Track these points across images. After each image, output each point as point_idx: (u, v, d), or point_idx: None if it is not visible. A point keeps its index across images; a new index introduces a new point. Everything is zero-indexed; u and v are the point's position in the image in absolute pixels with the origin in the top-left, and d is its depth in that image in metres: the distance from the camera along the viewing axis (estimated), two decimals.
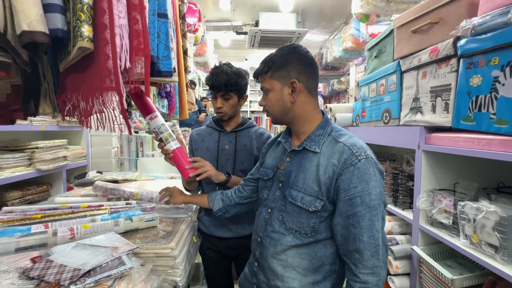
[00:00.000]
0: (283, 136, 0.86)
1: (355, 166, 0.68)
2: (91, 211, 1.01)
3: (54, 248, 0.77)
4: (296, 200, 0.75)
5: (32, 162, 1.75)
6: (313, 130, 0.78)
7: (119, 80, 0.68)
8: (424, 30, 1.10)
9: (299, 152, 0.79)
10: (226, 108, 1.17)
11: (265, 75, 0.78)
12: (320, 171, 0.72)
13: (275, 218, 0.79)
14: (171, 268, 0.84)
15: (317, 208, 0.72)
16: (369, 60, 1.64)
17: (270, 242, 0.79)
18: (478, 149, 0.84)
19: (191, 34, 2.93)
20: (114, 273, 0.67)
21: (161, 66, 1.08)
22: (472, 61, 0.86)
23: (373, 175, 0.68)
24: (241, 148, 1.22)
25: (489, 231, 0.81)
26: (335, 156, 0.71)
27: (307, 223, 0.74)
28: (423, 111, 1.11)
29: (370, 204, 0.67)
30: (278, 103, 0.77)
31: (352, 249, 0.69)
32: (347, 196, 0.69)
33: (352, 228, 0.68)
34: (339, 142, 0.73)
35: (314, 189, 0.73)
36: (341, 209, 0.70)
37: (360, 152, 0.70)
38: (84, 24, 0.68)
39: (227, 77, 1.13)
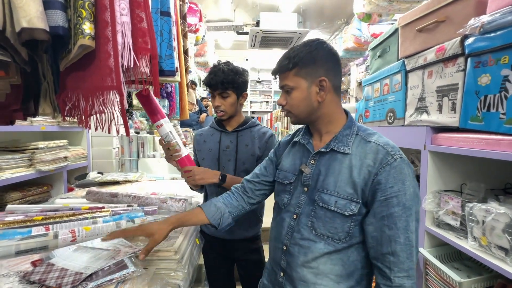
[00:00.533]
0: (302, 137, 0.80)
1: (391, 166, 0.65)
2: (93, 213, 1.00)
3: (55, 251, 0.75)
4: (329, 205, 0.70)
5: (33, 162, 1.73)
6: (339, 130, 0.74)
7: (120, 79, 0.67)
8: (430, 29, 1.08)
9: (325, 153, 0.74)
10: (224, 107, 1.16)
11: (288, 72, 0.72)
12: (354, 172, 0.68)
13: (304, 225, 0.74)
14: (174, 271, 0.83)
15: (353, 212, 0.68)
16: (373, 59, 1.62)
17: (299, 251, 0.74)
18: (487, 150, 0.82)
19: (192, 34, 2.92)
20: (117, 277, 0.66)
21: (164, 66, 1.06)
22: (480, 60, 0.85)
23: (407, 174, 0.66)
24: (243, 148, 1.20)
25: (499, 233, 0.79)
26: (369, 156, 0.68)
27: (342, 228, 0.69)
28: (429, 111, 1.09)
29: (406, 205, 0.64)
30: (304, 102, 0.72)
31: (387, 251, 0.65)
32: (383, 197, 0.65)
33: (388, 229, 0.65)
34: (370, 142, 0.70)
35: (348, 192, 0.68)
36: (376, 210, 0.66)
37: (395, 151, 0.67)
38: (85, 21, 0.66)
39: (224, 75, 1.11)
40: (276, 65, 0.75)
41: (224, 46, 5.74)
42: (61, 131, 2.07)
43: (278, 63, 0.74)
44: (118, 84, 0.66)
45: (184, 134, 2.81)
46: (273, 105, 9.18)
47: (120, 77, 0.67)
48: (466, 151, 0.89)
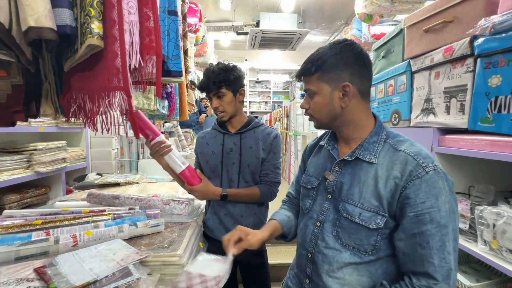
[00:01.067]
0: (327, 142, 0.77)
1: (422, 179, 0.60)
2: (94, 217, 0.97)
3: (58, 257, 0.72)
4: (353, 217, 0.66)
5: (31, 164, 1.70)
6: (365, 137, 0.69)
7: (127, 80, 0.64)
8: (437, 29, 1.07)
9: (350, 162, 0.70)
10: (223, 107, 1.13)
11: (311, 76, 0.68)
12: (380, 184, 0.64)
13: (328, 233, 0.71)
14: (178, 277, 0.80)
15: (379, 226, 0.63)
16: (376, 60, 1.61)
17: (323, 259, 0.70)
18: (498, 152, 0.81)
19: (192, 35, 2.90)
20: (121, 284, 0.63)
21: (170, 66, 1.03)
22: (491, 60, 0.84)
23: (442, 188, 0.59)
24: (247, 151, 1.16)
25: (510, 237, 0.78)
26: (396, 167, 0.63)
27: (367, 241, 0.65)
28: (436, 112, 1.08)
29: (441, 222, 0.58)
30: (326, 107, 0.69)
31: (420, 271, 0.60)
32: (413, 212, 0.60)
33: (420, 248, 0.59)
34: (400, 151, 0.64)
35: (373, 204, 0.64)
36: (406, 226, 0.61)
37: (428, 163, 0.61)
38: (94, 20, 0.64)
39: (214, 74, 1.11)
40: (300, 68, 0.72)
41: (224, 47, 5.72)
42: (60, 132, 2.03)
43: (302, 66, 0.71)
44: (125, 85, 0.64)
45: (184, 135, 2.79)
46: (272, 105, 9.17)
47: (128, 78, 0.65)
48: (476, 153, 0.88)
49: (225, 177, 1.19)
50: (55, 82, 0.74)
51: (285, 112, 4.86)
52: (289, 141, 4.54)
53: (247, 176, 1.17)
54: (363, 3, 2.36)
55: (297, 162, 4.04)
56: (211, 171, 1.21)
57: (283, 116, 4.99)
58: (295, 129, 4.22)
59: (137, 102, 1.64)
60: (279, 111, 5.49)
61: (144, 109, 1.71)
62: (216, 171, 1.20)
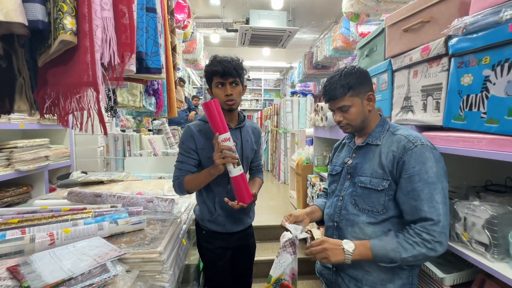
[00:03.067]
0: (348, 139, 1.03)
1: (412, 151, 0.80)
2: (74, 215, 0.96)
3: (33, 256, 0.71)
4: (366, 184, 0.87)
5: (11, 162, 1.66)
6: (373, 128, 0.92)
7: (96, 75, 0.64)
8: (415, 29, 1.10)
9: (363, 147, 0.93)
10: (235, 95, 1.13)
11: (344, 96, 0.88)
12: (382, 157, 0.85)
13: (348, 203, 0.91)
14: (159, 273, 0.81)
15: (384, 187, 0.83)
16: (360, 59, 1.64)
17: (346, 224, 0.91)
18: (469, 148, 0.84)
19: (180, 31, 2.86)
20: (97, 281, 0.63)
21: (149, 63, 1.03)
22: (463, 60, 0.87)
23: (428, 157, 0.79)
24: (246, 144, 1.23)
25: (479, 230, 0.81)
26: (394, 145, 0.84)
27: (378, 202, 0.85)
28: (414, 110, 1.11)
29: (428, 180, 0.77)
30: (360, 115, 0.90)
31: (415, 219, 0.78)
32: (406, 175, 0.80)
33: (413, 201, 0.78)
34: (396, 134, 0.86)
35: (379, 172, 0.85)
36: (402, 186, 0.81)
37: (416, 140, 0.81)
38: (66, 15, 0.63)
39: (235, 63, 1.12)
40: (331, 93, 0.89)
41: (214, 43, 5.67)
42: (42, 129, 1.98)
43: (332, 91, 0.88)
44: (94, 80, 0.63)
45: (172, 133, 2.76)
46: (263, 103, 9.18)
47: (96, 73, 0.64)
48: (449, 149, 0.91)
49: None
50: (30, 77, 0.72)
51: (275, 110, 4.87)
52: (279, 138, 4.56)
53: (245, 167, 1.21)
54: (350, 2, 2.38)
55: (287, 159, 4.07)
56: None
57: (273, 114, 5.00)
58: (285, 127, 4.24)
59: (121, 99, 1.62)
60: (270, 109, 5.50)
61: (130, 105, 1.69)
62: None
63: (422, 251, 0.75)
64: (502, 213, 0.78)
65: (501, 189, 1.04)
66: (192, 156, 1.16)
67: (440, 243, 0.75)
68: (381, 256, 0.79)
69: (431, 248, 0.75)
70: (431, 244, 0.75)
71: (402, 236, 0.79)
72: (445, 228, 0.76)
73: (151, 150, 2.32)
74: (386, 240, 0.80)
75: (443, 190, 0.77)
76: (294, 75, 6.73)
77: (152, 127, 3.83)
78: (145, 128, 3.37)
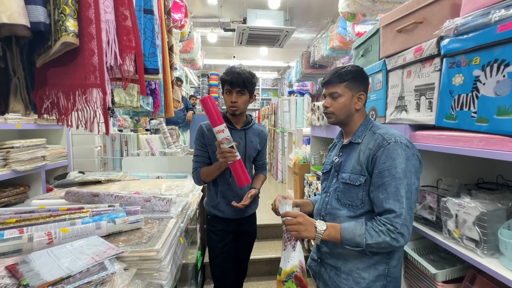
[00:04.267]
0: (337, 138, 1.10)
1: (385, 148, 0.86)
2: (71, 214, 0.96)
3: (31, 255, 0.72)
4: (346, 179, 0.93)
5: (8, 162, 1.66)
6: (357, 127, 0.98)
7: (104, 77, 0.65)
8: (409, 29, 1.12)
9: (347, 145, 0.99)
10: (239, 103, 1.30)
11: (340, 84, 0.94)
12: (361, 154, 0.91)
13: (333, 198, 0.98)
14: (156, 271, 0.82)
15: (361, 182, 0.89)
16: (356, 59, 1.65)
17: (330, 218, 0.97)
18: (460, 147, 0.86)
19: (177, 30, 2.86)
20: (95, 279, 0.64)
21: (147, 64, 1.04)
22: (454, 60, 0.88)
23: (400, 154, 0.84)
24: (249, 144, 1.40)
25: (470, 226, 0.83)
26: (371, 143, 0.90)
27: (356, 196, 0.91)
28: (408, 109, 1.13)
29: (396, 176, 0.82)
30: (346, 108, 0.95)
31: (381, 210, 0.84)
32: (377, 170, 0.86)
33: (381, 194, 0.84)
34: (376, 133, 0.92)
35: (357, 169, 0.91)
36: (373, 181, 0.87)
37: (390, 138, 0.87)
38: (69, 18, 0.65)
39: (245, 76, 1.28)
40: (330, 77, 0.96)
41: (211, 43, 5.67)
42: (39, 129, 1.98)
43: (332, 77, 0.96)
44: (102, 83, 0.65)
45: (170, 132, 2.76)
46: (261, 102, 9.18)
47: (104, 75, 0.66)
48: (441, 148, 0.93)
49: None
50: (25, 78, 0.73)
51: (272, 109, 4.88)
52: (277, 138, 4.58)
53: (247, 164, 1.40)
54: (346, 2, 2.40)
55: (284, 159, 4.08)
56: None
57: (270, 113, 5.01)
58: (282, 126, 4.26)
59: (119, 99, 1.62)
60: (267, 109, 5.51)
61: (127, 105, 1.69)
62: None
63: (386, 239, 0.81)
64: (492, 210, 0.80)
65: (493, 187, 1.06)
66: (205, 149, 1.38)
67: (402, 235, 0.81)
68: (348, 239, 0.84)
69: (394, 238, 0.81)
70: (394, 234, 0.81)
71: (370, 224, 0.85)
72: (407, 221, 0.81)
73: (148, 150, 2.32)
74: (355, 226, 0.86)
75: (408, 186, 0.82)
76: (291, 74, 6.74)
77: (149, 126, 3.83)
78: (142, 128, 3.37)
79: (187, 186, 1.60)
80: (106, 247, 0.79)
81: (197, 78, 7.78)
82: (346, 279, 0.92)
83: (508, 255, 0.74)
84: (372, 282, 0.89)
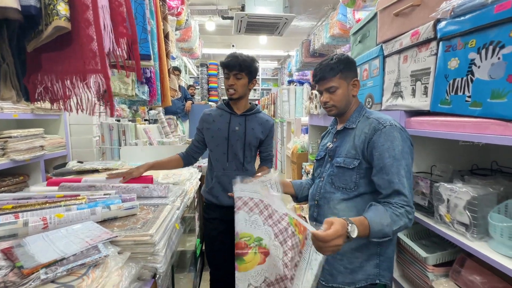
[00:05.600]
0: (331, 126, 1.12)
1: (382, 131, 0.88)
2: (67, 201, 0.97)
3: (26, 239, 0.73)
4: (340, 163, 0.95)
5: (6, 152, 1.67)
6: (351, 114, 1.00)
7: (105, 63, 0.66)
8: (406, 13, 1.09)
9: (342, 131, 1.01)
10: (237, 86, 1.32)
11: (334, 77, 0.95)
12: (355, 139, 0.94)
13: (326, 182, 1.00)
14: (150, 255, 0.83)
15: (355, 165, 0.92)
16: (353, 45, 1.62)
17: (324, 201, 1.00)
18: (453, 132, 0.86)
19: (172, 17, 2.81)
20: (88, 261, 0.65)
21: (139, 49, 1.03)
22: (451, 43, 0.87)
23: (396, 137, 0.87)
24: (250, 131, 1.40)
25: (460, 210, 0.84)
26: (366, 128, 0.93)
27: (350, 179, 0.93)
28: (403, 95, 1.12)
29: (396, 157, 0.85)
30: (345, 97, 0.97)
31: (389, 192, 0.85)
32: (377, 153, 0.88)
33: (385, 175, 0.86)
34: (370, 118, 0.95)
35: (352, 153, 0.94)
36: (375, 163, 0.88)
37: (385, 122, 0.90)
38: (60, 2, 0.64)
39: (241, 59, 1.30)
40: (322, 73, 0.97)
41: (210, 31, 5.57)
42: (36, 119, 1.98)
43: (324, 72, 0.96)
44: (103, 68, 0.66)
45: (168, 122, 2.76)
46: (261, 92, 9.11)
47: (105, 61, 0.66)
48: (435, 134, 0.93)
49: (230, 151, 1.41)
50: (15, 64, 0.72)
51: (272, 99, 4.85)
52: (276, 128, 4.57)
53: (247, 152, 1.42)
54: None
55: (283, 149, 4.08)
56: (215, 145, 1.42)
57: (270, 103, 4.98)
58: (282, 116, 4.24)
59: (113, 87, 1.61)
60: (267, 98, 5.47)
61: (122, 94, 1.68)
62: (220, 145, 1.41)
63: (406, 221, 0.82)
64: (483, 194, 0.80)
65: (487, 173, 1.06)
66: (199, 135, 1.47)
67: (413, 214, 0.85)
68: (377, 231, 0.79)
69: (411, 219, 0.83)
70: (411, 215, 0.83)
71: (390, 210, 0.82)
72: (411, 201, 0.86)
73: (146, 140, 2.32)
74: (381, 217, 0.80)
75: (407, 166, 0.86)
76: (291, 63, 6.65)
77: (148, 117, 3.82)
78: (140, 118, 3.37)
79: (184, 174, 1.61)
80: (101, 231, 0.80)
81: (196, 68, 7.70)
82: (340, 259, 0.94)
83: (497, 239, 0.75)
84: (365, 261, 0.92)
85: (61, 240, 0.73)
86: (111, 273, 0.66)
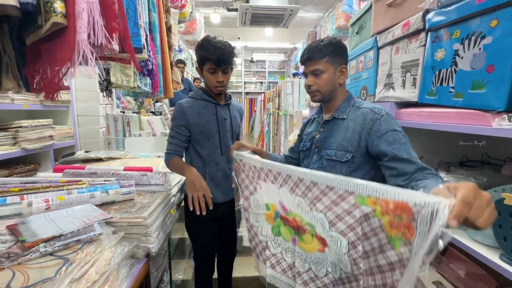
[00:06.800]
0: (316, 114, 1.07)
1: (381, 120, 0.86)
2: (69, 186, 1.04)
3: (30, 217, 0.81)
4: (331, 156, 0.93)
5: (17, 141, 1.76)
6: (340, 103, 0.97)
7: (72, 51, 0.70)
8: (398, 3, 1.09)
9: (330, 121, 0.98)
10: (225, 81, 1.23)
11: (321, 60, 0.92)
12: (348, 131, 0.90)
13: None
14: (144, 236, 0.89)
15: (348, 159, 0.90)
16: (351, 36, 1.62)
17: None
18: (438, 123, 0.87)
19: (175, 10, 2.83)
20: (83, 237, 0.72)
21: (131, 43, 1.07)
22: (437, 34, 0.87)
23: (394, 123, 0.86)
24: (234, 120, 1.35)
25: None
26: (359, 118, 0.89)
27: (340, 173, 0.90)
28: (394, 87, 1.12)
29: (401, 141, 0.82)
30: (330, 83, 0.94)
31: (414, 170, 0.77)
32: (383, 139, 0.84)
33: (405, 154, 0.79)
34: (361, 108, 0.91)
35: (344, 145, 0.91)
36: (383, 149, 0.82)
37: (381, 111, 0.88)
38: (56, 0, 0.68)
39: (228, 51, 1.17)
40: (309, 54, 0.93)
41: (215, 24, 5.57)
42: (45, 110, 2.07)
43: (311, 53, 0.92)
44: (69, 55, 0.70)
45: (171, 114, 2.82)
46: (268, 85, 9.08)
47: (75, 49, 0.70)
48: (423, 125, 0.94)
49: (223, 143, 1.30)
50: (15, 56, 0.78)
51: (276, 92, 4.84)
52: (280, 121, 4.57)
53: (231, 142, 1.34)
54: None
55: (286, 141, 4.10)
56: (207, 139, 1.26)
57: (274, 96, 4.97)
58: (285, 109, 4.24)
59: (115, 79, 1.67)
60: (272, 91, 5.45)
61: (124, 86, 1.74)
62: (212, 139, 1.26)
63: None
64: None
65: (477, 165, 1.06)
66: (182, 133, 1.25)
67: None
68: None
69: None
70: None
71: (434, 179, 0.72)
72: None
73: (150, 131, 2.39)
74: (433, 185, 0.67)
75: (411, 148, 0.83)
76: (298, 56, 6.59)
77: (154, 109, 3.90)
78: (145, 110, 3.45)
79: None
80: (98, 213, 0.86)
81: None
82: None
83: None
84: None
85: (61, 220, 0.80)
86: (104, 249, 0.73)
